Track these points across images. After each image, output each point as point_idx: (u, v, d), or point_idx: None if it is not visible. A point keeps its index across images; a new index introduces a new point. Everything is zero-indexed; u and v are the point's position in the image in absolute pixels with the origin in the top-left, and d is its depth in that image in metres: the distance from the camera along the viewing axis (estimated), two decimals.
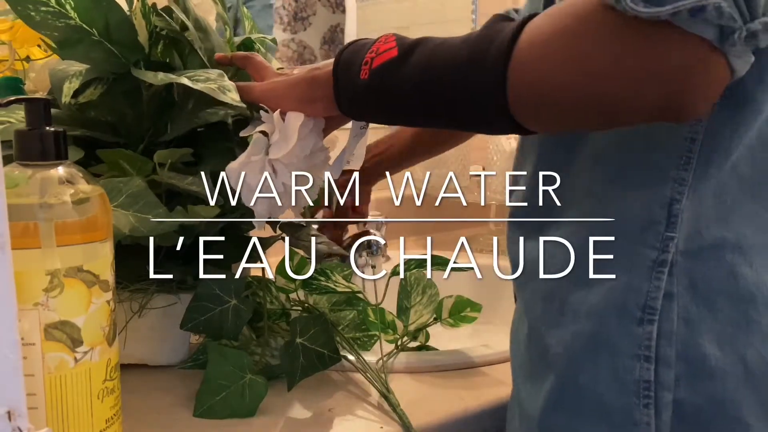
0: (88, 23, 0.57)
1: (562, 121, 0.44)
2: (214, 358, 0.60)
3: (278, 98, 0.56)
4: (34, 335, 0.44)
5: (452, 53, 0.44)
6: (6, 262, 0.29)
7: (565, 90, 0.40)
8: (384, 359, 0.70)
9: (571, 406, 0.48)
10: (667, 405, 0.44)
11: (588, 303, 0.47)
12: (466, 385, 0.67)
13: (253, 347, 0.68)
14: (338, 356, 0.66)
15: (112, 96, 0.62)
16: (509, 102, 0.42)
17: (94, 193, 0.47)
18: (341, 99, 0.51)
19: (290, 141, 0.55)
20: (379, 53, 0.48)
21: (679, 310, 0.44)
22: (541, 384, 0.50)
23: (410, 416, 0.60)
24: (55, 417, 0.45)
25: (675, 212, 0.44)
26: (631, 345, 0.45)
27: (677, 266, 0.44)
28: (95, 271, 0.46)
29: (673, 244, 0.44)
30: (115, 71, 0.62)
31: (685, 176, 0.44)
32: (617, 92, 0.39)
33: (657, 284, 0.44)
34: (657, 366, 0.44)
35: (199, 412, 0.59)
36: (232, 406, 0.59)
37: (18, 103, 0.47)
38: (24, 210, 0.44)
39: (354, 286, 0.73)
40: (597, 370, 0.46)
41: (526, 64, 0.41)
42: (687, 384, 0.44)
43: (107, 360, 0.48)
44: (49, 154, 0.45)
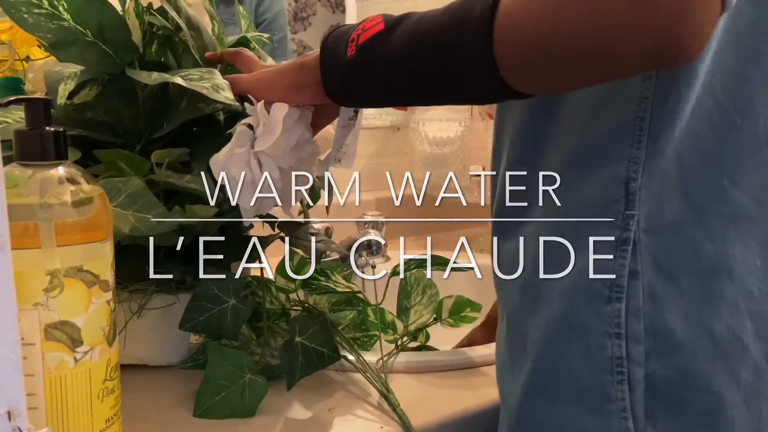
0: (82, 24, 0.57)
1: (550, 75, 0.42)
2: (214, 358, 0.61)
3: (265, 88, 0.55)
4: (34, 335, 0.44)
5: (438, 18, 0.44)
6: (6, 262, 0.29)
7: (553, 39, 0.39)
8: (384, 359, 0.70)
9: (547, 391, 0.48)
10: (640, 380, 0.44)
11: (559, 287, 0.48)
12: (466, 385, 0.67)
13: (252, 347, 0.68)
14: (338, 355, 0.66)
15: (108, 96, 0.62)
16: (497, 60, 0.41)
17: (94, 193, 0.47)
18: (328, 80, 0.50)
19: (275, 132, 0.54)
20: (365, 29, 0.47)
21: (644, 287, 0.44)
22: (519, 374, 0.50)
23: (410, 416, 0.60)
24: (55, 417, 0.45)
25: (632, 190, 0.45)
26: (602, 323, 0.45)
27: (640, 243, 0.45)
28: (95, 271, 0.46)
29: (634, 222, 0.45)
30: (110, 72, 0.62)
31: (638, 154, 0.44)
32: (607, 35, 0.37)
33: (621, 262, 0.45)
34: (627, 342, 0.45)
35: (199, 412, 0.59)
36: (232, 406, 0.59)
37: (18, 103, 0.46)
38: (24, 210, 0.44)
39: (354, 286, 0.73)
40: (570, 351, 0.46)
41: (513, 17, 0.40)
42: (657, 359, 0.44)
43: (107, 360, 0.48)
44: (49, 154, 0.45)
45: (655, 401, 0.45)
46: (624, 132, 0.45)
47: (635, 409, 0.45)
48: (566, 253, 0.47)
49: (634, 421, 0.45)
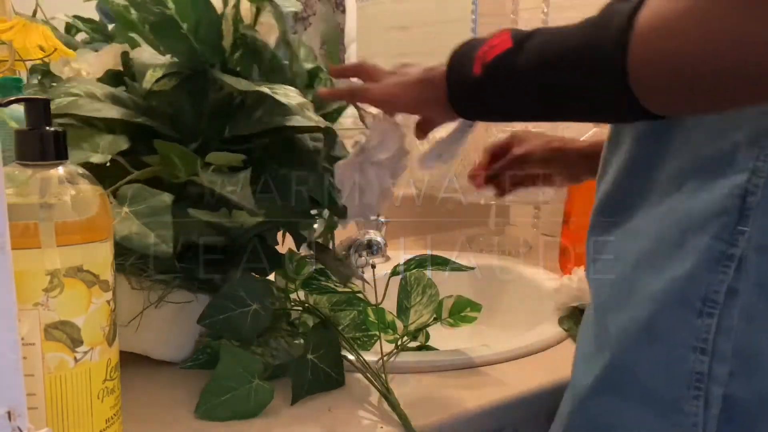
0: (181, 16, 0.60)
1: (690, 99, 0.41)
2: (226, 358, 0.60)
3: (394, 101, 0.58)
4: (34, 335, 0.44)
5: (571, 36, 0.43)
6: (6, 262, 0.29)
7: (702, 60, 0.37)
8: (384, 359, 0.70)
9: (620, 389, 0.48)
10: (718, 399, 0.44)
11: (651, 289, 0.47)
12: (466, 385, 0.67)
13: (252, 347, 0.68)
14: (342, 380, 0.66)
15: (179, 90, 0.64)
16: (630, 81, 0.40)
17: (94, 193, 0.47)
18: (454, 97, 0.51)
19: (391, 144, 0.60)
20: (492, 46, 0.47)
21: (742, 306, 0.43)
22: (594, 364, 0.50)
23: (410, 416, 0.60)
24: (55, 417, 0.45)
25: (748, 205, 0.43)
26: (688, 336, 0.45)
27: (747, 261, 0.43)
28: (95, 271, 0.46)
29: (744, 239, 0.43)
30: (193, 68, 0.64)
31: (762, 167, 0.43)
32: (757, 60, 0.36)
33: (721, 278, 0.44)
34: (712, 360, 0.44)
35: (201, 411, 0.59)
36: (235, 408, 0.59)
37: (18, 103, 0.46)
38: (24, 210, 0.44)
39: (354, 286, 0.73)
40: (650, 356, 0.46)
41: (648, 43, 0.39)
42: (740, 380, 0.43)
43: (107, 360, 0.48)
44: (49, 154, 0.46)
45: (729, 421, 0.44)
46: (753, 143, 0.44)
47: (707, 427, 0.44)
48: (666, 258, 0.46)
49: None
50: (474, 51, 0.49)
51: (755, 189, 0.43)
